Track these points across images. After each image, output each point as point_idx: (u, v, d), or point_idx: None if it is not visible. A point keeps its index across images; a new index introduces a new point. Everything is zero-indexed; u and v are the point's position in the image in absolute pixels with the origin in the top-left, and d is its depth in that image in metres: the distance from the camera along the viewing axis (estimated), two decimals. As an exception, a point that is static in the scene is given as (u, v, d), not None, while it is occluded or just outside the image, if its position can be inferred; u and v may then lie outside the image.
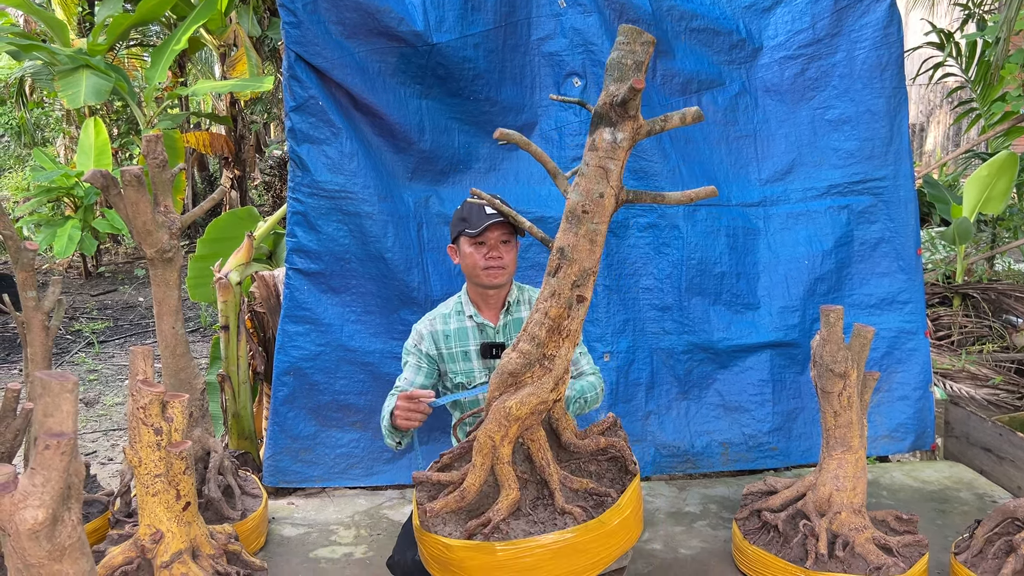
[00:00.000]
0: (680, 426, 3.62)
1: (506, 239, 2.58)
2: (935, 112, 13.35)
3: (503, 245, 2.58)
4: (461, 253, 2.62)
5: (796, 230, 3.70)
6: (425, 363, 2.67)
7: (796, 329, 3.65)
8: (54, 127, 12.53)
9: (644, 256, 3.60)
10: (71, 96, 7.73)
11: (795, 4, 3.66)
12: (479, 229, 2.50)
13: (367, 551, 2.89)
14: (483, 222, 2.51)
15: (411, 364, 2.68)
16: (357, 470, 3.44)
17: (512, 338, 2.72)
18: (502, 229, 2.55)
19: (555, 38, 3.52)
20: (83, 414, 5.69)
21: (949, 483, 3.46)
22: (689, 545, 2.93)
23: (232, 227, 4.40)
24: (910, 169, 3.70)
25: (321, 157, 3.33)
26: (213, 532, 2.42)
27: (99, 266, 11.14)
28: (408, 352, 2.72)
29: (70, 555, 1.52)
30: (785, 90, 3.71)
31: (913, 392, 3.70)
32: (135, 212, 2.60)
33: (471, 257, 2.58)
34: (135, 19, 8.47)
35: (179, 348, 2.77)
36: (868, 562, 2.47)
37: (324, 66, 3.27)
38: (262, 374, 3.85)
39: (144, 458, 2.14)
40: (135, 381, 2.15)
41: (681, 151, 3.65)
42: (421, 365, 2.67)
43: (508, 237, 2.59)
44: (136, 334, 7.95)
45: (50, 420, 1.43)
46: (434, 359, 2.68)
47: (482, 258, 2.56)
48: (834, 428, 2.59)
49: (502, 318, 2.69)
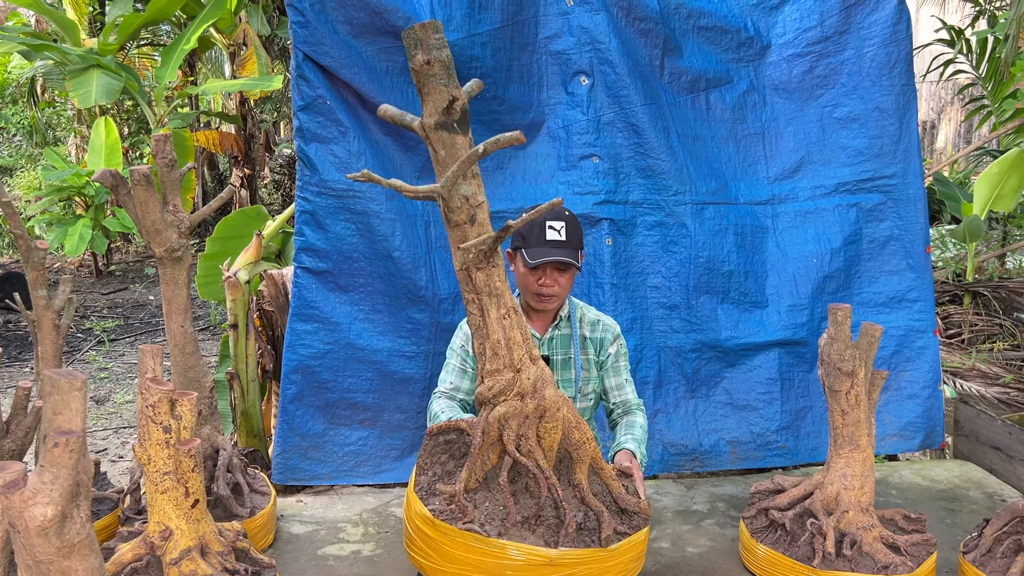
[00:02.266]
0: (688, 424, 3.62)
1: (563, 267, 2.53)
2: (946, 109, 13.28)
3: (558, 272, 2.54)
4: (516, 266, 2.59)
5: (805, 228, 3.69)
6: (470, 364, 2.63)
7: (804, 327, 3.64)
8: (65, 126, 12.61)
9: (652, 254, 3.60)
10: (82, 96, 7.78)
11: (803, 2, 3.65)
12: (536, 263, 2.46)
13: (375, 549, 2.90)
14: (541, 256, 2.46)
15: (455, 367, 2.64)
16: (365, 468, 3.46)
17: (557, 352, 2.70)
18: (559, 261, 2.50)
19: (562, 37, 3.52)
20: (94, 412, 5.73)
21: (958, 482, 3.44)
22: (696, 543, 2.92)
23: (241, 226, 4.41)
24: (919, 167, 3.69)
25: (329, 156, 3.34)
26: (222, 529, 2.43)
27: (110, 264, 11.20)
28: (453, 351, 2.68)
29: (79, 552, 1.54)
30: (794, 88, 3.70)
31: (922, 391, 3.68)
32: (144, 211, 2.62)
33: (525, 278, 2.55)
34: (145, 19, 8.52)
35: (188, 346, 2.79)
36: (876, 561, 2.46)
37: (332, 65, 3.28)
38: (271, 372, 3.87)
39: (153, 456, 2.16)
40: (144, 379, 2.16)
41: (689, 149, 3.64)
42: (466, 368, 2.63)
43: (566, 267, 2.53)
44: (146, 332, 7.99)
45: (59, 418, 1.44)
46: None
47: (535, 283, 2.53)
48: (842, 427, 2.59)
49: (550, 331, 2.68)
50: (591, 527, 2.07)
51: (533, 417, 2.03)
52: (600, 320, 2.77)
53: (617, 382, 2.75)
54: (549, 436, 2.06)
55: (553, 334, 2.68)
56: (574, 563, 1.99)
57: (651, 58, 3.60)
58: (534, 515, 2.03)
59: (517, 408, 2.01)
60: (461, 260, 2.00)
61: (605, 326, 2.77)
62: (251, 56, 9.28)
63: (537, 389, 2.02)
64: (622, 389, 2.74)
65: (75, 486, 1.50)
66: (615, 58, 3.50)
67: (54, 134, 12.90)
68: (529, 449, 2.04)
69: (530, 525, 2.03)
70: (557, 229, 2.51)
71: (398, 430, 3.48)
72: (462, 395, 2.62)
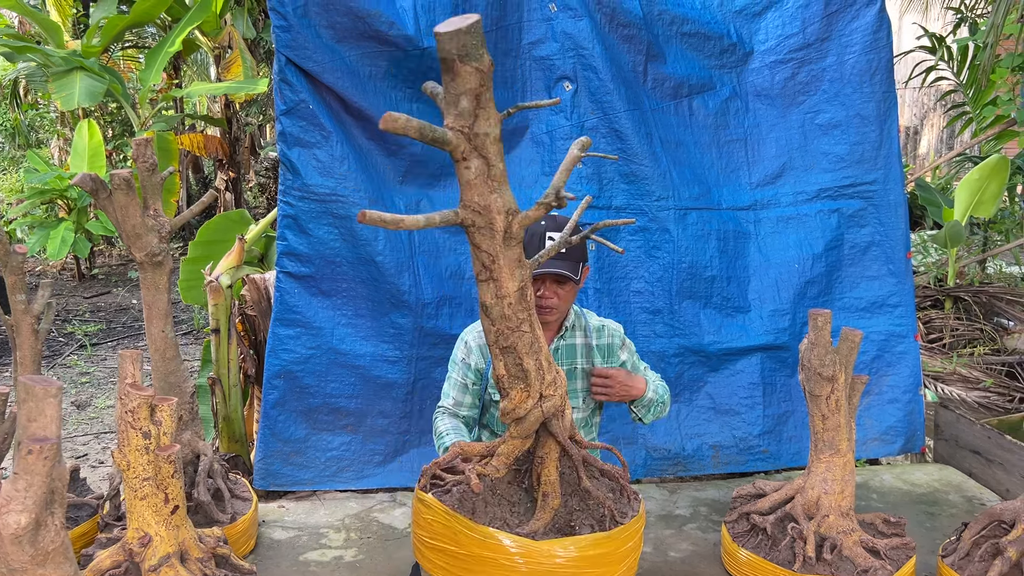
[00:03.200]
0: (671, 429, 3.63)
1: (562, 280, 2.51)
2: (929, 115, 13.40)
3: (557, 284, 2.52)
4: None
5: (786, 234, 3.72)
6: (472, 379, 2.59)
7: (786, 332, 3.66)
8: (48, 129, 12.53)
9: (635, 259, 3.61)
10: (65, 98, 7.74)
11: (785, 9, 3.68)
12: (534, 274, 2.43)
13: (357, 554, 2.89)
14: (540, 268, 2.42)
15: (456, 382, 2.60)
16: (348, 473, 3.45)
17: (563, 363, 2.67)
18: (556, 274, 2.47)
19: (546, 42, 3.53)
20: (74, 417, 5.68)
21: (938, 486, 3.47)
22: (679, 548, 2.93)
23: (224, 230, 4.39)
24: (900, 173, 3.72)
25: (312, 161, 3.33)
26: (202, 535, 2.41)
27: (92, 268, 11.13)
28: (455, 365, 2.63)
29: (53, 559, 1.52)
30: (776, 94, 3.73)
31: (903, 395, 3.71)
32: (124, 216, 2.60)
33: None
34: (129, 21, 8.48)
35: (169, 351, 2.77)
36: (856, 565, 2.47)
37: (315, 70, 3.27)
38: (253, 377, 3.85)
39: (132, 462, 2.14)
40: (124, 384, 2.15)
41: (672, 155, 3.66)
42: (467, 383, 2.59)
43: (565, 279, 2.50)
44: (129, 336, 7.94)
45: (33, 425, 1.43)
46: (483, 373, 2.61)
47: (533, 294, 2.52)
48: (822, 431, 2.60)
49: (555, 342, 2.66)
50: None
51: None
52: (604, 326, 2.76)
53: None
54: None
55: (558, 344, 2.66)
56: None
57: (634, 64, 3.61)
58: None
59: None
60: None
61: (610, 331, 2.75)
62: (236, 59, 9.25)
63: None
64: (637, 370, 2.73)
65: (49, 493, 1.49)
66: (598, 64, 3.52)
67: (37, 136, 12.81)
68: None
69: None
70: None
71: (381, 435, 3.47)
72: (465, 411, 2.58)
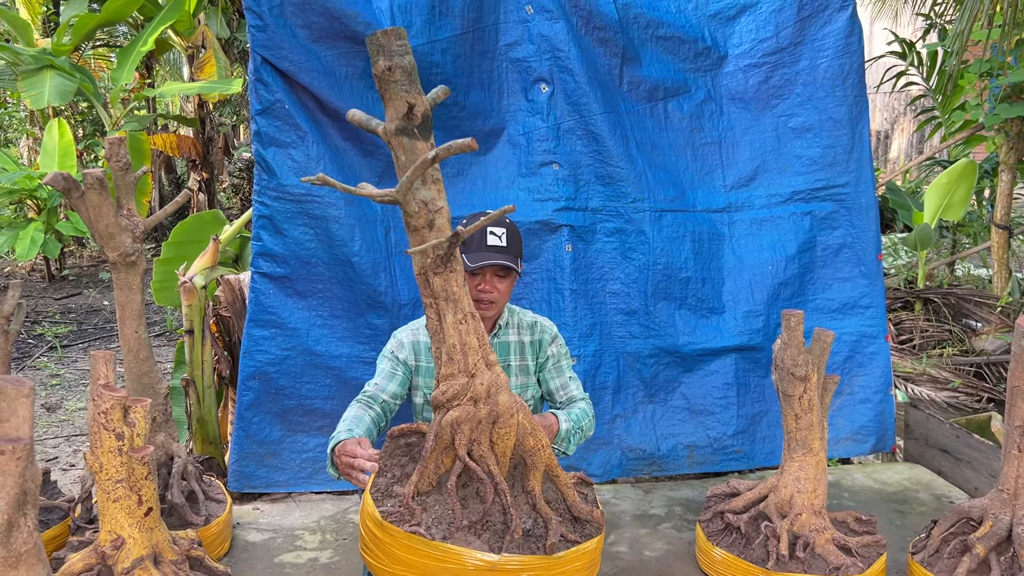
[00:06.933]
0: (646, 429, 3.65)
1: (502, 274, 2.53)
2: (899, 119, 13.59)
3: (497, 279, 2.54)
4: None
5: (760, 236, 3.75)
6: (400, 370, 2.60)
7: (760, 333, 3.70)
8: (17, 128, 12.34)
9: (611, 261, 3.63)
10: (35, 97, 7.63)
11: (759, 13, 3.72)
12: (475, 266, 2.46)
13: (332, 556, 2.88)
14: (481, 260, 2.46)
15: (385, 370, 2.60)
16: (323, 475, 3.43)
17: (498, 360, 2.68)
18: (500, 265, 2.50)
19: (523, 44, 3.54)
20: (45, 419, 5.60)
21: (908, 484, 3.52)
22: (654, 547, 2.95)
23: (198, 230, 4.35)
24: (871, 176, 3.77)
25: (287, 161, 3.31)
26: (176, 538, 2.40)
27: (63, 269, 10.97)
28: (384, 357, 2.64)
29: (26, 561, 1.51)
30: (750, 98, 3.76)
31: (874, 395, 3.76)
32: (97, 216, 2.58)
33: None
34: (101, 19, 8.38)
35: (142, 352, 2.75)
36: (828, 562, 2.51)
37: (291, 70, 3.26)
38: (227, 378, 3.82)
39: (105, 463, 2.12)
40: (96, 385, 2.13)
41: (647, 157, 3.68)
42: (396, 372, 2.59)
43: (505, 272, 2.53)
44: (101, 338, 7.84)
45: (5, 425, 1.41)
46: (410, 368, 2.62)
47: (473, 288, 2.51)
48: (795, 431, 2.63)
49: (490, 339, 2.67)
50: (539, 534, 2.07)
51: (486, 422, 2.03)
52: (537, 322, 2.76)
53: (561, 382, 2.73)
54: (502, 442, 2.06)
55: (492, 342, 2.66)
56: (517, 569, 1.99)
57: (610, 67, 3.63)
58: (481, 520, 2.03)
59: (470, 413, 2.01)
60: (419, 264, 2.00)
61: (543, 327, 2.75)
62: (210, 59, 9.17)
63: (491, 394, 2.03)
64: (567, 388, 2.72)
65: (22, 495, 1.47)
66: (575, 66, 3.53)
67: (5, 136, 12.62)
68: (481, 454, 2.04)
69: (476, 530, 2.03)
70: (498, 235, 2.51)
71: (357, 436, 3.45)
72: (386, 396, 2.56)
